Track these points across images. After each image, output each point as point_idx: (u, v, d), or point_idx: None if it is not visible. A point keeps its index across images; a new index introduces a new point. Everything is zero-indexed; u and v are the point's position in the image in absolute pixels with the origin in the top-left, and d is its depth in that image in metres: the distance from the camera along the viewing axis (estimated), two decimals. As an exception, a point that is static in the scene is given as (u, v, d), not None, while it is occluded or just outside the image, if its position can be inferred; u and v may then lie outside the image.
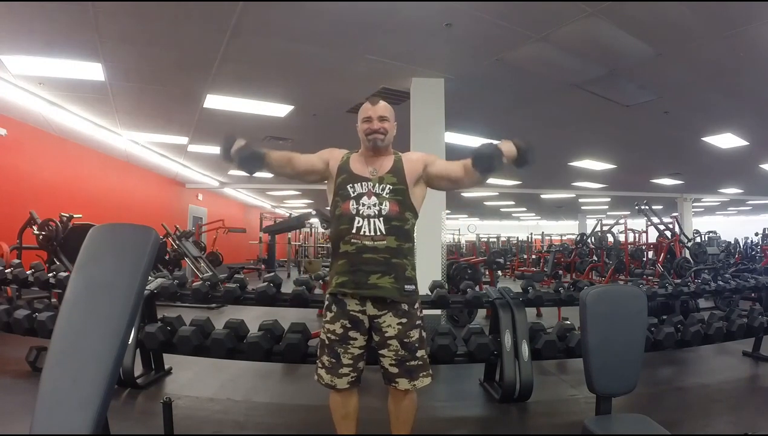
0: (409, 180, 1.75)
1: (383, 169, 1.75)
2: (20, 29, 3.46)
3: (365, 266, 1.66)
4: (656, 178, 10.02)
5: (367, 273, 1.66)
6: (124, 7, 3.11)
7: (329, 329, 1.72)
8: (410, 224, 1.75)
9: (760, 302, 4.68)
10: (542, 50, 3.68)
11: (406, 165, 1.78)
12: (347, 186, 1.73)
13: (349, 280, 1.68)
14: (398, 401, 1.74)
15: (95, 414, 1.14)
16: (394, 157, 1.80)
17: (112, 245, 1.40)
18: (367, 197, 1.70)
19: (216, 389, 2.89)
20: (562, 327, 2.89)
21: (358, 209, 1.69)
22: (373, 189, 1.71)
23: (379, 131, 1.74)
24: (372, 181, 1.72)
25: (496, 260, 7.20)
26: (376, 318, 1.69)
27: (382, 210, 1.68)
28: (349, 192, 1.72)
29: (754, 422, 2.37)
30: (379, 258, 1.66)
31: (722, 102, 4.92)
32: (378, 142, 1.75)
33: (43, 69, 4.17)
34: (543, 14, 3.17)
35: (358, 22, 3.32)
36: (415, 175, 1.78)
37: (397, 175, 1.74)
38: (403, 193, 1.73)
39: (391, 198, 1.70)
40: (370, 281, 1.65)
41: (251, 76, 4.37)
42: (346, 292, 1.69)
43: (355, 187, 1.72)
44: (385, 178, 1.73)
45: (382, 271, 1.66)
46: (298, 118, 5.56)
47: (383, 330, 1.68)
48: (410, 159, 1.82)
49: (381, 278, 1.66)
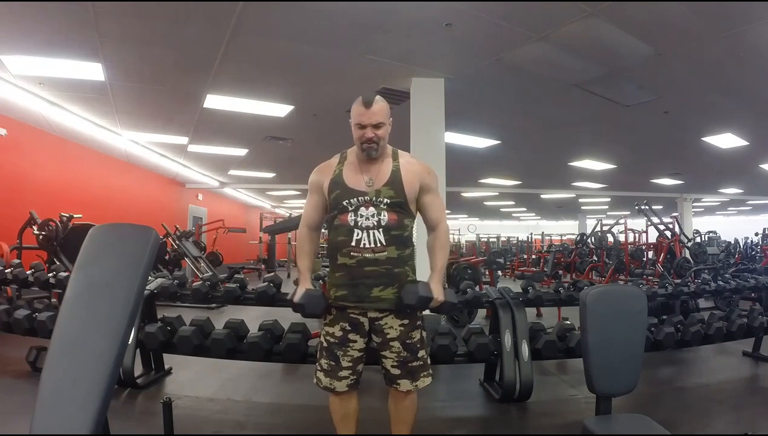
0: (408, 193, 1.69)
1: (380, 181, 1.68)
2: (20, 29, 3.46)
3: (367, 279, 1.63)
4: (656, 178, 10.03)
5: (368, 287, 1.63)
6: (124, 7, 3.11)
7: (328, 331, 1.71)
8: (409, 229, 1.73)
9: (760, 302, 4.68)
10: (542, 50, 3.68)
11: (404, 176, 1.70)
12: (343, 202, 1.66)
13: (350, 293, 1.65)
14: (399, 402, 1.74)
15: (95, 414, 1.14)
16: (392, 165, 1.71)
17: (112, 245, 1.40)
18: (365, 208, 1.65)
19: (216, 389, 2.89)
20: (562, 327, 2.89)
21: (357, 221, 1.64)
22: (370, 201, 1.65)
23: (373, 140, 1.65)
24: (369, 195, 1.65)
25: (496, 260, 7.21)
26: (377, 320, 1.68)
27: (381, 221, 1.63)
28: (346, 206, 1.66)
29: (754, 422, 2.37)
30: (381, 270, 1.63)
31: (722, 102, 4.92)
32: (373, 153, 1.67)
33: (43, 69, 4.17)
34: (543, 14, 3.17)
35: (358, 22, 3.32)
36: (413, 191, 1.71)
37: (395, 188, 1.67)
38: (401, 205, 1.68)
39: (390, 209, 1.66)
40: (372, 295, 1.63)
41: (251, 76, 4.37)
42: (346, 305, 1.67)
43: (351, 201, 1.66)
44: (383, 191, 1.66)
45: (385, 283, 1.64)
46: (298, 118, 5.56)
47: (385, 332, 1.67)
48: (409, 171, 1.72)
49: (383, 290, 1.64)
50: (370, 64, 4.00)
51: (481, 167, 8.76)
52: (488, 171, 9.37)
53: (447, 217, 1.89)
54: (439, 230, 1.78)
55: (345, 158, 1.77)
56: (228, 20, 3.26)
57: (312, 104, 5.15)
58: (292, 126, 5.89)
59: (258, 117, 5.46)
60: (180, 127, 6.19)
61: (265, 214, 13.77)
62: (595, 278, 8.54)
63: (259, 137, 6.57)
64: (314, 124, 5.75)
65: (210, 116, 5.48)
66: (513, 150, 7.28)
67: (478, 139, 6.49)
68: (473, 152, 7.01)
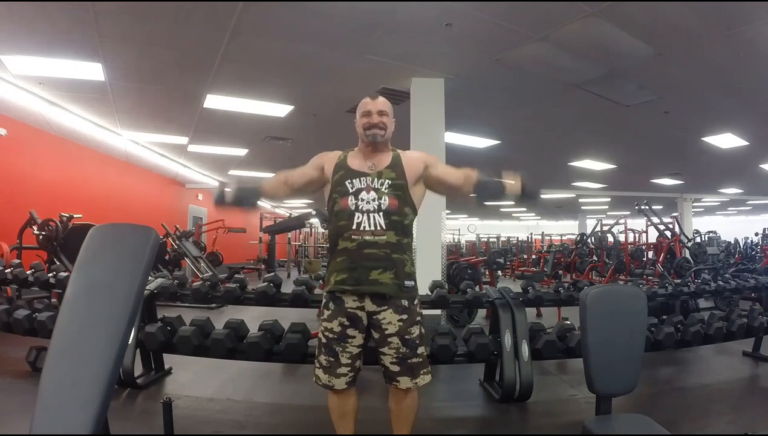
0: (409, 177, 1.74)
1: (382, 164, 1.74)
2: (20, 29, 3.46)
3: (366, 261, 1.65)
4: (656, 178, 10.02)
5: (367, 269, 1.64)
6: (124, 7, 3.11)
7: (327, 327, 1.70)
8: (409, 219, 1.75)
9: (760, 302, 4.67)
10: (542, 50, 3.68)
11: (405, 162, 1.76)
12: (345, 182, 1.71)
13: (349, 277, 1.66)
14: (399, 400, 1.73)
15: (95, 414, 1.14)
16: (393, 154, 1.79)
17: (112, 245, 1.40)
18: (366, 192, 1.68)
19: (216, 389, 2.89)
20: (562, 327, 2.89)
21: (357, 205, 1.67)
22: (372, 184, 1.69)
23: (378, 126, 1.73)
24: (371, 176, 1.70)
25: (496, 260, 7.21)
26: (375, 314, 1.67)
27: (382, 205, 1.67)
28: (347, 188, 1.70)
29: (754, 422, 2.37)
30: (380, 253, 1.65)
31: (722, 102, 4.92)
32: (377, 137, 1.73)
33: (43, 69, 4.17)
34: (543, 14, 3.17)
35: (358, 22, 3.32)
36: (416, 175, 1.77)
37: (396, 171, 1.73)
38: (402, 188, 1.72)
39: (391, 193, 1.69)
40: (371, 277, 1.64)
41: (251, 76, 4.37)
42: (345, 289, 1.68)
43: (354, 182, 1.70)
44: (384, 172, 1.71)
45: (384, 266, 1.65)
46: (298, 118, 5.56)
47: (383, 327, 1.67)
48: (410, 157, 1.80)
49: (382, 273, 1.65)
50: (370, 64, 4.00)
51: (481, 167, 8.72)
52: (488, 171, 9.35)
53: (447, 217, 1.90)
54: (473, 172, 1.83)
55: (347, 152, 1.83)
56: (228, 20, 3.26)
57: (312, 104, 5.15)
58: (292, 126, 5.89)
59: (258, 117, 5.46)
60: (180, 127, 6.19)
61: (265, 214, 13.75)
62: (595, 278, 8.55)
63: (259, 137, 6.57)
64: (314, 124, 5.75)
65: (210, 116, 5.49)
66: (513, 150, 7.28)
67: (478, 139, 6.49)
68: (473, 152, 7.01)
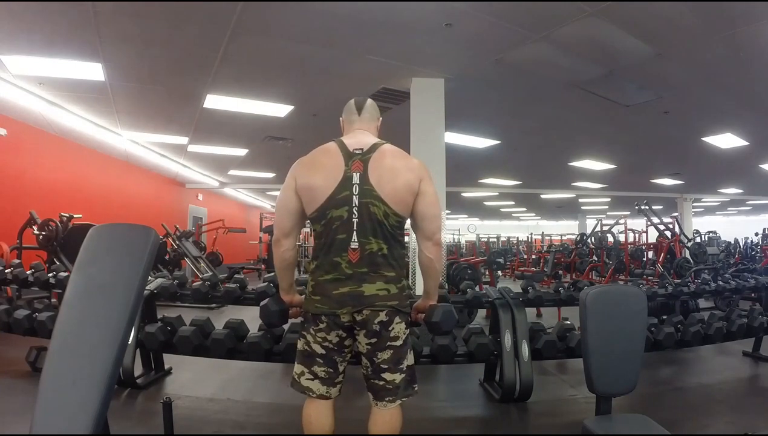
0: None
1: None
2: (20, 29, 3.46)
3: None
4: (656, 178, 10.02)
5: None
6: (124, 7, 3.11)
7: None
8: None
9: (760, 302, 4.68)
10: (542, 50, 3.68)
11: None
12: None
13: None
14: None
15: (95, 414, 1.14)
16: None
17: (111, 245, 1.40)
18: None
19: (216, 389, 2.89)
20: (562, 327, 2.89)
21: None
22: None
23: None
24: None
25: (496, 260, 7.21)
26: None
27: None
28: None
29: (754, 422, 2.37)
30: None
31: (722, 102, 4.92)
32: None
33: (43, 69, 4.17)
34: (543, 14, 3.17)
35: (358, 22, 3.32)
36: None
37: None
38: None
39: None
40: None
41: (251, 76, 4.37)
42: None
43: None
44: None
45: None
46: (298, 118, 5.56)
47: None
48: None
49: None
50: (370, 64, 4.00)
51: (481, 167, 8.76)
52: (488, 171, 9.36)
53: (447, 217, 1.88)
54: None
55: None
56: (228, 20, 3.26)
57: (312, 104, 5.15)
58: (292, 126, 5.89)
59: (258, 117, 5.46)
60: (180, 127, 6.19)
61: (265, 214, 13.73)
62: (595, 278, 8.55)
63: (258, 137, 6.57)
64: (314, 124, 5.74)
65: (210, 116, 5.48)
66: (513, 150, 7.28)
67: (478, 139, 6.49)
68: (473, 152, 7.01)
